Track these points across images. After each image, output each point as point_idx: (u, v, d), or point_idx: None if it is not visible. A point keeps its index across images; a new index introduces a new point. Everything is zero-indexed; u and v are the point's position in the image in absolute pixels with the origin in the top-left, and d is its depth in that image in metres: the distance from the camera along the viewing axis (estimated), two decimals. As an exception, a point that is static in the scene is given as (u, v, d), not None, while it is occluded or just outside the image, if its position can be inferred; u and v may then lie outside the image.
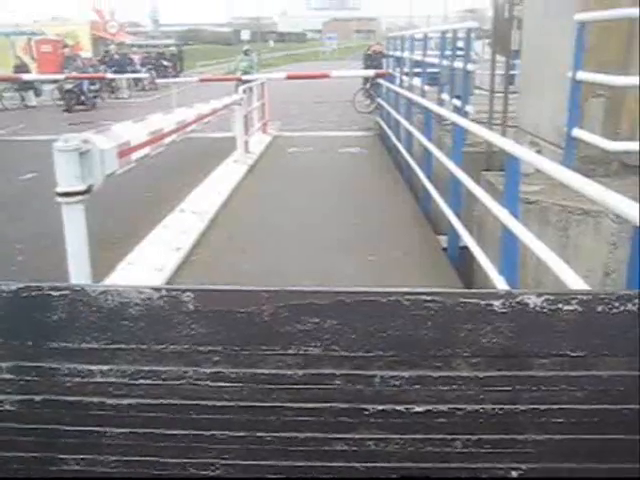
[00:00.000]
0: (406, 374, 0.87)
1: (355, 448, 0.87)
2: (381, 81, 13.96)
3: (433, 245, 6.12)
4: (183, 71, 33.67)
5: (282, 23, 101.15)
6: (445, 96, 7.98)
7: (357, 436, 0.87)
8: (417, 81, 9.79)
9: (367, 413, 0.87)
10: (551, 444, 0.86)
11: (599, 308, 0.89)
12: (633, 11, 3.99)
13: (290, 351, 0.88)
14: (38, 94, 21.87)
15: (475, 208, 5.26)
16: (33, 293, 0.94)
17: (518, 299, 0.89)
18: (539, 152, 4.90)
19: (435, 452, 0.87)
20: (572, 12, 4.73)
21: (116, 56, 27.22)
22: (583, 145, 4.70)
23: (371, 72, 15.60)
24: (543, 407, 0.87)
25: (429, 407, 0.87)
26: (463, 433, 0.87)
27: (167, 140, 5.05)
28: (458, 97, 7.16)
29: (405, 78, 10.97)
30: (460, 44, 7.99)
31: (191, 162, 10.39)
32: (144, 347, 0.90)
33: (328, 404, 0.88)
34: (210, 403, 0.90)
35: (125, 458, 0.91)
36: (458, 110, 6.77)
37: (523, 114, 6.51)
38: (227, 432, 0.90)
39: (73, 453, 0.91)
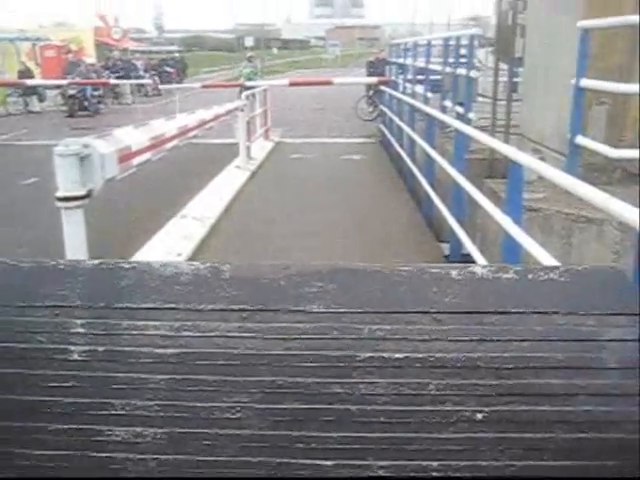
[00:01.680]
0: (388, 327, 1.07)
1: (349, 391, 1.03)
2: (384, 88, 13.96)
3: (435, 252, 6.09)
4: (186, 77, 33.73)
5: (286, 30, 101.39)
6: (448, 103, 7.97)
7: (351, 380, 1.03)
8: (420, 88, 9.78)
9: (358, 359, 1.05)
10: (505, 388, 1.02)
11: (529, 276, 1.14)
12: (635, 18, 3.97)
13: (300, 308, 1.10)
14: (42, 99, 21.91)
15: (478, 215, 5.24)
16: (110, 266, 1.18)
17: (469, 269, 1.14)
18: (542, 160, 4.88)
19: (413, 395, 1.03)
20: (576, 19, 4.72)
21: (119, 62, 27.29)
22: (586, 152, 4.68)
23: (374, 79, 15.61)
24: (495, 355, 1.05)
25: (407, 354, 1.05)
26: (435, 378, 1.03)
27: (169, 145, 5.03)
28: (461, 104, 7.15)
29: (408, 85, 10.96)
30: (463, 51, 7.99)
31: (193, 168, 10.39)
32: (189, 306, 1.11)
33: (328, 352, 1.06)
34: (236, 352, 1.08)
35: (163, 402, 1.05)
36: (461, 117, 6.75)
37: (526, 121, 6.50)
38: (248, 377, 1.06)
39: (121, 398, 1.06)
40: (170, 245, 5.83)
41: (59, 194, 3.44)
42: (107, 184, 3.96)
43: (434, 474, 0.97)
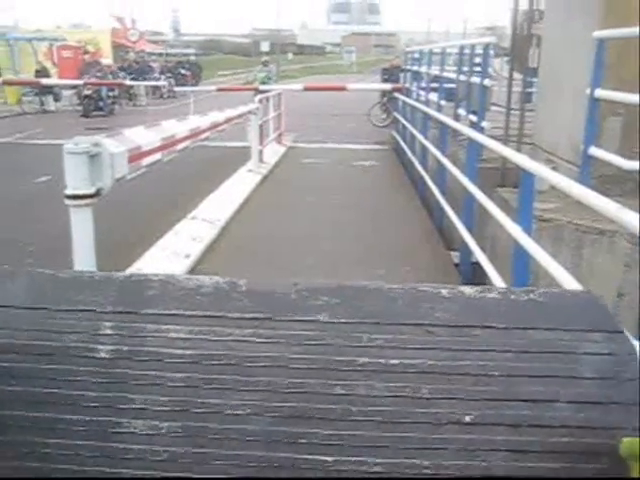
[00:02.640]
0: (385, 336, 1.20)
1: (349, 392, 1.14)
2: (398, 95, 13.94)
3: (445, 261, 6.06)
4: (201, 80, 33.83)
5: (302, 36, 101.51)
6: (461, 111, 7.94)
7: (351, 383, 1.15)
8: (433, 96, 9.75)
9: (357, 364, 1.17)
10: (491, 393, 1.13)
11: (512, 296, 1.28)
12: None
13: (306, 318, 1.22)
14: (57, 99, 22.02)
15: (488, 224, 5.20)
16: (139, 278, 1.33)
17: (459, 289, 1.29)
18: (555, 169, 4.83)
19: (406, 397, 1.14)
20: (592, 29, 4.68)
21: (135, 64, 27.41)
22: (599, 164, 4.63)
23: (388, 86, 15.59)
24: (481, 363, 1.17)
25: (401, 361, 1.18)
26: (427, 383, 1.15)
27: (180, 146, 5.02)
28: (474, 112, 7.11)
29: (422, 92, 10.94)
30: (478, 60, 7.96)
31: (205, 170, 10.40)
32: (208, 313, 1.24)
33: (331, 356, 1.18)
34: (248, 354, 1.20)
35: (178, 398, 1.17)
36: (474, 125, 6.72)
37: (539, 131, 6.46)
38: (258, 378, 1.18)
39: (141, 393, 1.17)
40: (179, 246, 5.82)
41: (68, 192, 3.43)
42: (117, 184, 3.96)
43: (425, 471, 1.06)
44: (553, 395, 1.14)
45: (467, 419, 1.11)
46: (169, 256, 5.51)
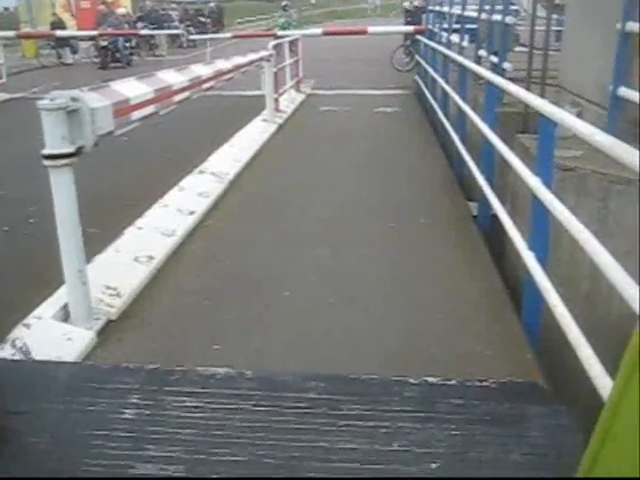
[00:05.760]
0: (361, 406, 1.52)
1: (331, 445, 1.44)
2: (420, 37, 13.38)
3: (463, 212, 5.74)
4: (224, 27, 33.13)
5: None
6: (483, 52, 7.48)
7: (332, 438, 1.48)
8: (455, 37, 9.26)
9: (338, 425, 1.51)
10: (454, 442, 1.39)
11: (467, 383, 1.68)
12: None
13: (298, 395, 1.56)
14: (74, 51, 21.72)
15: (509, 174, 4.85)
16: (165, 368, 1.75)
17: (423, 378, 1.66)
18: (580, 113, 4.46)
19: (380, 450, 1.39)
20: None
21: (154, 13, 26.89)
22: (630, 106, 4.24)
23: (409, 28, 15.00)
24: (444, 425, 1.45)
25: (376, 423, 1.48)
26: (396, 440, 1.45)
27: (177, 98, 4.72)
28: (496, 54, 6.67)
29: (443, 34, 10.42)
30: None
31: (217, 120, 10.11)
32: (218, 391, 1.58)
33: (316, 419, 1.53)
34: (247, 417, 1.52)
35: (183, 448, 1.45)
36: (494, 67, 6.29)
37: (565, 72, 6.02)
38: (255, 434, 1.46)
39: (152, 444, 1.46)
40: (184, 202, 5.56)
41: (45, 151, 3.18)
42: (117, 137, 3.72)
43: None
44: (507, 443, 1.36)
45: (433, 466, 1.32)
46: (172, 213, 5.27)
